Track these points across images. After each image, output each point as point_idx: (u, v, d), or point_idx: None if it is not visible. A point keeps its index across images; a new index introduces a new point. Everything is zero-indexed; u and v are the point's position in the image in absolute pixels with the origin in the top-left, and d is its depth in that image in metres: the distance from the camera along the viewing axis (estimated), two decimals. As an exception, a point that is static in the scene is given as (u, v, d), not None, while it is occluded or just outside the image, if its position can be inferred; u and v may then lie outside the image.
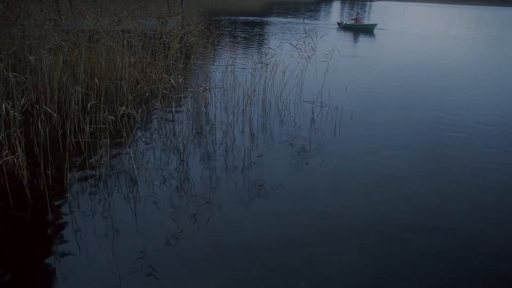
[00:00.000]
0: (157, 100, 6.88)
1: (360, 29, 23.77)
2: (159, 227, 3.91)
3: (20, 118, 4.77)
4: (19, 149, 4.39)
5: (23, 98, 5.22)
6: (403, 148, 6.13)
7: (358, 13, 26.96)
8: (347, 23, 24.84)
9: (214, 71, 10.04)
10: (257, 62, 8.77)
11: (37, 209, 4.10)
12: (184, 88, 8.11)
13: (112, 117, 5.41)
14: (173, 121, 6.84)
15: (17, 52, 7.44)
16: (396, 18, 40.01)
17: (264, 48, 11.16)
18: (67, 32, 8.42)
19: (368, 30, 23.54)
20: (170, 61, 8.18)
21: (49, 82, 6.72)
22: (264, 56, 8.22)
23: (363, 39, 20.64)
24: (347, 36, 21.13)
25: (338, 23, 25.28)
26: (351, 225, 4.12)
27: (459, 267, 3.55)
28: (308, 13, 39.44)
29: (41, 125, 5.15)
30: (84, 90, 6.68)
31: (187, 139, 6.02)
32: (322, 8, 51.19)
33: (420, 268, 3.53)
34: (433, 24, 35.01)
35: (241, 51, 14.12)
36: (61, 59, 6.75)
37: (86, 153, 5.19)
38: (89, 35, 8.31)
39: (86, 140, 5.38)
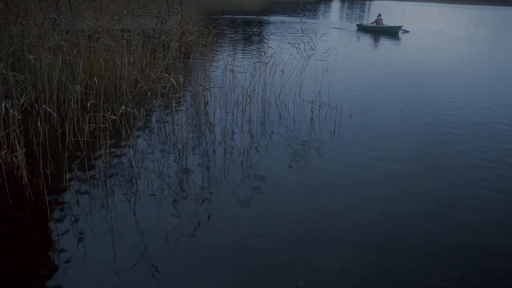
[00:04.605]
0: (156, 100, 6.89)
1: (382, 32, 22.45)
2: (159, 226, 3.91)
3: (19, 117, 4.76)
4: (18, 148, 4.38)
5: (22, 97, 5.21)
6: (402, 148, 6.14)
7: (379, 15, 23.98)
8: (367, 25, 24.19)
9: (214, 70, 10.05)
10: (256, 61, 8.77)
11: (36, 208, 4.10)
12: (183, 87, 8.11)
13: (112, 116, 5.40)
14: (172, 120, 6.83)
15: (17, 51, 7.43)
16: (396, 18, 39.98)
17: (263, 47, 11.16)
18: (66, 31, 8.41)
19: (392, 33, 22.14)
20: (170, 60, 8.18)
21: (48, 81, 6.71)
22: (263, 55, 8.22)
23: (365, 40, 20.64)
24: (353, 37, 21.08)
25: (358, 25, 24.67)
26: (351, 224, 4.12)
27: (459, 267, 3.56)
28: (304, 12, 39.43)
29: (40, 124, 5.15)
30: (83, 89, 6.68)
31: (187, 138, 6.02)
32: (321, 8, 51.19)
33: (420, 267, 3.53)
34: (432, 23, 35.02)
35: (240, 50, 14.16)
36: (61, 58, 6.74)
37: (85, 153, 5.19)
38: (89, 34, 8.30)
39: (86, 139, 5.38)
